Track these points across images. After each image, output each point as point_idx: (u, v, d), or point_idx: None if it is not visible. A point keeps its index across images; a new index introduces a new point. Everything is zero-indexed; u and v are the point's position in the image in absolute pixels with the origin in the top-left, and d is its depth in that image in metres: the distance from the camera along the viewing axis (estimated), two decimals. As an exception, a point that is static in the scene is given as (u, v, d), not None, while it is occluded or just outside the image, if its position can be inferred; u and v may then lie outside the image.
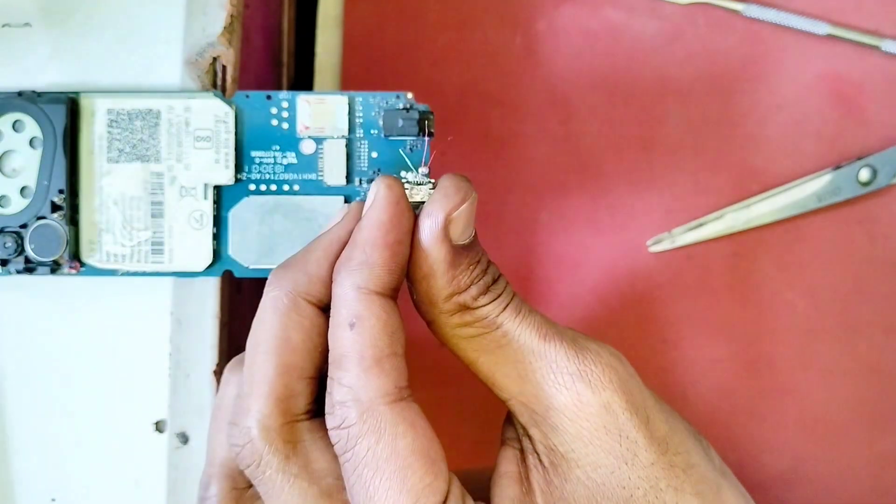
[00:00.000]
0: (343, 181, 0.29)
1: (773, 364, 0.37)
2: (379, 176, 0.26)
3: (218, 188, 0.29)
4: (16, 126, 0.29)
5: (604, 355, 0.26)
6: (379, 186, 0.25)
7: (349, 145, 0.29)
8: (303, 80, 0.42)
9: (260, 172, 0.29)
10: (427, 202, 0.25)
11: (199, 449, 0.31)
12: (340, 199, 0.29)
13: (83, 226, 0.29)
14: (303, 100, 0.29)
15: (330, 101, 0.29)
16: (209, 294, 0.31)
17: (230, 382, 0.27)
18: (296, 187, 0.29)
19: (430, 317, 0.26)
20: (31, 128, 0.29)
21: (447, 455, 0.25)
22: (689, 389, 0.37)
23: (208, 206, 0.29)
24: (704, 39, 0.37)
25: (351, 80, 0.39)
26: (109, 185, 0.29)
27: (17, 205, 0.29)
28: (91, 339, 0.31)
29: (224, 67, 0.31)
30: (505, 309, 0.26)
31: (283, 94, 0.29)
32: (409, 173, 0.28)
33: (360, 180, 0.29)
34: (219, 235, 0.29)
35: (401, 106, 0.29)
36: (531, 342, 0.25)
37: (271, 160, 0.29)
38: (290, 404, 0.25)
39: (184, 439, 0.31)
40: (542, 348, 0.25)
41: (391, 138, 0.29)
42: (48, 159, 0.29)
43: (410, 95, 0.29)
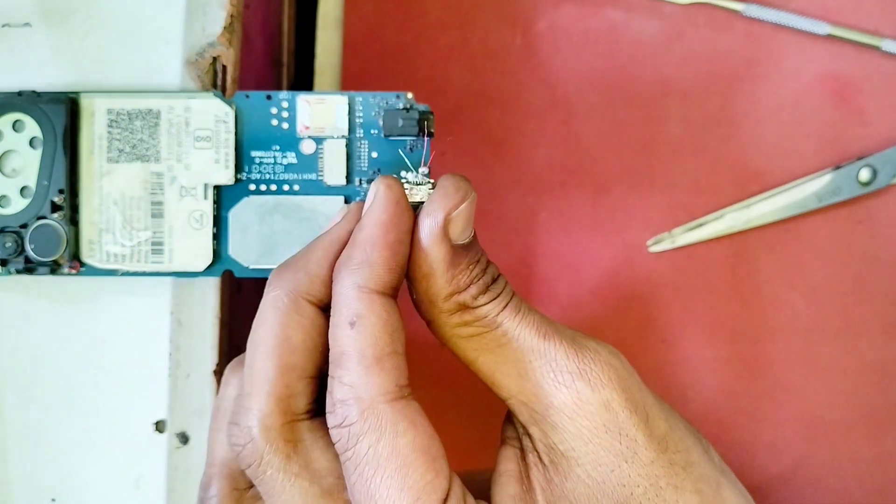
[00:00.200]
0: (343, 181, 0.29)
1: (773, 364, 0.37)
2: (379, 176, 0.26)
3: (218, 188, 0.29)
4: (16, 126, 0.29)
5: (603, 353, 0.26)
6: (379, 186, 0.25)
7: (349, 145, 0.29)
8: (303, 80, 0.42)
9: (260, 172, 0.29)
10: (427, 202, 0.26)
11: (199, 449, 0.31)
12: (340, 199, 0.29)
13: (83, 226, 0.29)
14: (303, 100, 0.29)
15: (330, 101, 0.29)
16: (209, 294, 0.31)
17: (230, 383, 0.27)
18: (296, 187, 0.29)
19: (430, 316, 0.26)
20: (31, 128, 0.29)
21: (447, 454, 0.25)
22: (689, 389, 0.37)
23: (208, 206, 0.29)
24: (704, 39, 0.37)
25: (351, 80, 0.39)
26: (109, 185, 0.29)
27: (17, 205, 0.29)
28: (91, 339, 0.31)
29: (224, 67, 0.31)
30: (504, 308, 0.26)
31: (283, 94, 0.29)
32: (410, 173, 0.28)
33: (360, 180, 0.29)
34: (219, 235, 0.29)
35: (401, 106, 0.29)
36: (531, 341, 0.25)
37: (271, 160, 0.29)
38: (291, 404, 0.25)
39: (184, 439, 0.31)
40: (541, 347, 0.25)
41: (391, 138, 0.29)
42: (48, 159, 0.29)
43: (410, 95, 0.29)
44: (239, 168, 0.29)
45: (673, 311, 0.37)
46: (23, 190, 0.29)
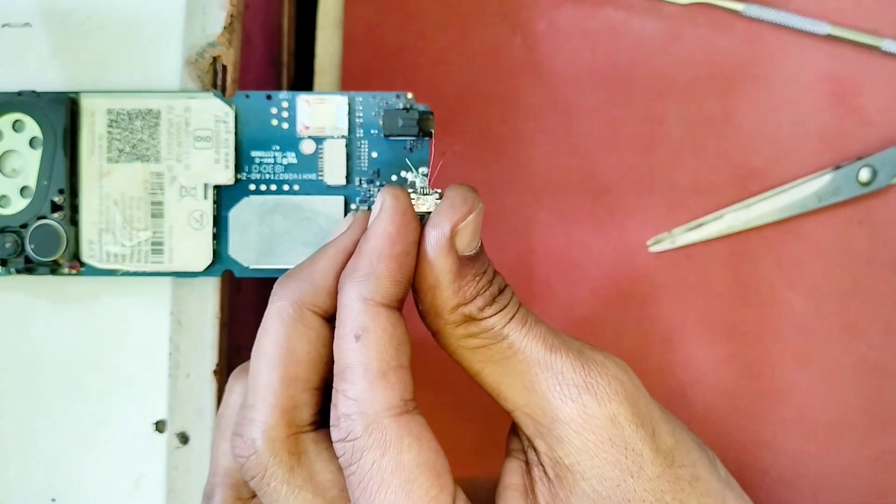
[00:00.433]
0: (343, 181, 0.29)
1: (773, 364, 0.37)
2: (385, 186, 0.26)
3: (218, 188, 0.29)
4: (16, 126, 0.29)
5: (610, 367, 0.25)
6: (385, 197, 0.25)
7: (349, 145, 0.29)
8: (303, 80, 0.42)
9: (260, 172, 0.29)
10: (433, 213, 0.25)
11: (199, 449, 0.31)
12: (340, 199, 0.29)
13: (83, 226, 0.29)
14: (303, 100, 0.29)
15: (330, 101, 0.29)
16: (209, 294, 0.31)
17: (234, 391, 0.27)
18: (296, 187, 0.29)
19: (436, 327, 0.26)
20: (31, 128, 0.29)
21: (450, 460, 0.24)
22: (689, 389, 0.37)
23: (208, 206, 0.29)
24: (704, 39, 0.37)
25: (351, 80, 0.39)
26: (109, 185, 0.29)
27: (17, 205, 0.29)
28: (91, 339, 0.31)
29: (224, 67, 0.31)
30: (511, 320, 0.25)
31: (283, 94, 0.29)
32: (410, 174, 0.28)
33: (360, 180, 0.29)
34: (219, 235, 0.29)
35: (401, 106, 0.29)
36: (537, 353, 0.25)
37: (271, 160, 0.29)
38: (295, 415, 0.25)
39: (184, 439, 0.31)
40: (548, 360, 0.25)
41: (391, 138, 0.29)
42: (48, 159, 0.29)
43: (410, 95, 0.29)
44: (239, 168, 0.29)
45: (673, 311, 0.37)
46: (23, 190, 0.29)
